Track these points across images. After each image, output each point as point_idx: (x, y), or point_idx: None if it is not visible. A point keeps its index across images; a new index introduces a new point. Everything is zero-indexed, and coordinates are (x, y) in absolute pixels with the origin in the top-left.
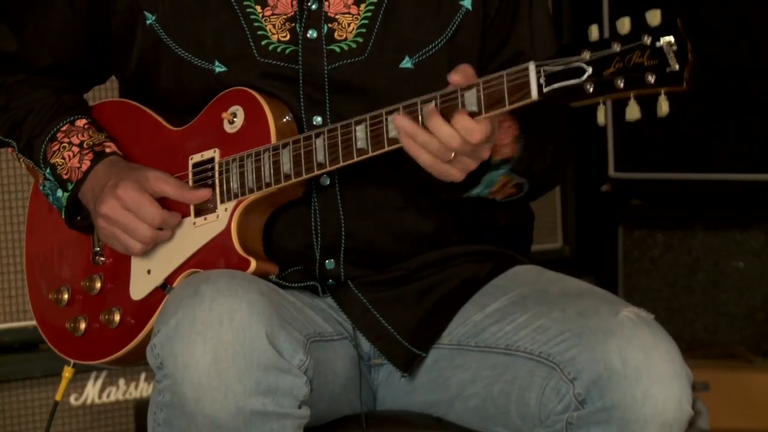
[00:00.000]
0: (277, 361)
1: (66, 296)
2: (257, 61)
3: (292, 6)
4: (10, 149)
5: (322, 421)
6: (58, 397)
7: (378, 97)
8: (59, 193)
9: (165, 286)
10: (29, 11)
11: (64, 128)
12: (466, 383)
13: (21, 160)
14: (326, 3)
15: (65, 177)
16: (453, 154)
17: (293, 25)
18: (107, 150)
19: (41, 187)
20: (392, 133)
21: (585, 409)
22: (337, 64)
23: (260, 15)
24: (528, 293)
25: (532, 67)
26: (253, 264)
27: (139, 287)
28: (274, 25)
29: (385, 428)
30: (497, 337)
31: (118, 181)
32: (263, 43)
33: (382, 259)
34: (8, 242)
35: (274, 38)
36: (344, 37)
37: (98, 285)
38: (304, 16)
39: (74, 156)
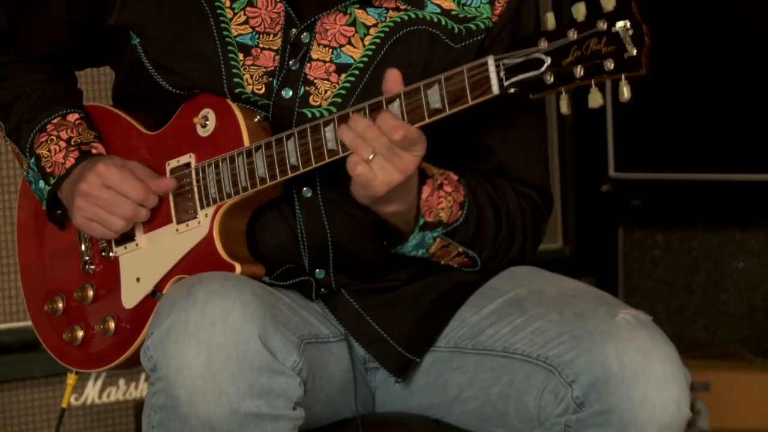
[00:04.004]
0: (271, 362)
1: (61, 305)
2: None
3: (273, 61)
4: None
5: (318, 423)
6: (63, 404)
7: (342, 164)
8: (41, 184)
9: (155, 293)
10: (27, 4)
11: (55, 121)
12: (464, 386)
13: (8, 143)
14: (308, 65)
15: (48, 170)
16: (372, 155)
17: (270, 79)
18: (93, 151)
19: (25, 174)
20: None
21: (583, 412)
22: None
23: (241, 63)
24: (524, 294)
25: (491, 61)
26: (238, 268)
27: (130, 295)
28: (252, 76)
29: (382, 431)
30: (494, 340)
31: (98, 161)
32: (237, 91)
33: (373, 269)
34: (8, 242)
35: (249, 89)
36: (318, 103)
37: (91, 294)
38: (283, 73)
39: (60, 151)
